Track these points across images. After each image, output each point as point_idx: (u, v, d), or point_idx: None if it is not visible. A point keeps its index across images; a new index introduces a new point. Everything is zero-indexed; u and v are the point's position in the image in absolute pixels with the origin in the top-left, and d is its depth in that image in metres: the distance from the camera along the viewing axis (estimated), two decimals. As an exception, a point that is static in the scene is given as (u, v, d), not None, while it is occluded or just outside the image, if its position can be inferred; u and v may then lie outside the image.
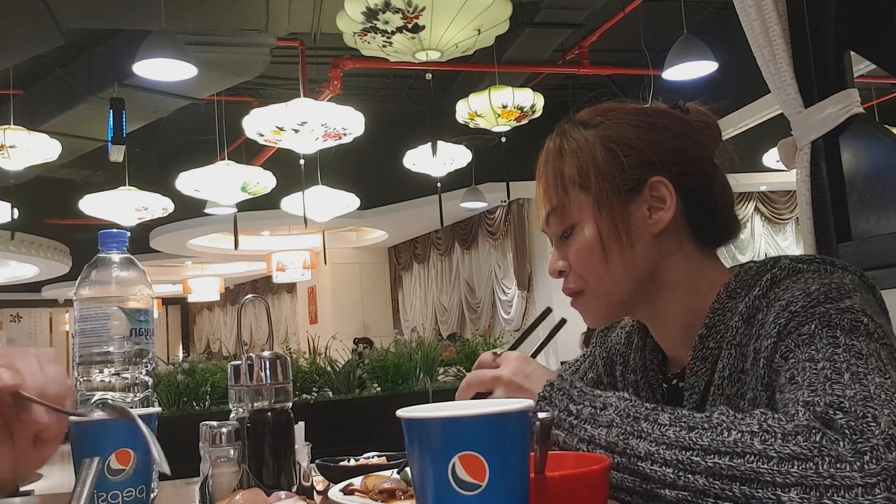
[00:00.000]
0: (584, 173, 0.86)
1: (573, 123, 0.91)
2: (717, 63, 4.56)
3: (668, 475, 0.65)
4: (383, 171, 7.63)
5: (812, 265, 0.80)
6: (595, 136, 0.87)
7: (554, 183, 0.88)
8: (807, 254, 0.83)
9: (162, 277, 12.01)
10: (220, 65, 5.37)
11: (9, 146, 5.02)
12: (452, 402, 0.60)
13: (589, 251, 0.86)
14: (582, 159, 0.86)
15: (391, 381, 5.00)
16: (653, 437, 0.67)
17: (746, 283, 0.83)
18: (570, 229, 0.88)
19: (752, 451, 0.62)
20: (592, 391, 0.75)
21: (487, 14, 3.65)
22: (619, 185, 0.85)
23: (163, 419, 0.89)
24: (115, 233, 0.95)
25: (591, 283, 0.88)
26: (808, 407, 0.65)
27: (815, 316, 0.72)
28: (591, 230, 0.86)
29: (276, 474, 0.87)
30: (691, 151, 0.87)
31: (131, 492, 0.76)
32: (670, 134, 0.87)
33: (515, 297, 8.59)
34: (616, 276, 0.86)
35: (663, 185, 0.85)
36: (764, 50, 1.44)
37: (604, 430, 0.70)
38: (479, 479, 0.54)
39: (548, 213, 0.90)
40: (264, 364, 0.89)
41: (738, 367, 0.80)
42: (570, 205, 0.87)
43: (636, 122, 0.87)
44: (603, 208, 0.85)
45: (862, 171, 1.38)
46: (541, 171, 0.91)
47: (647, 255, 0.86)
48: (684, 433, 0.66)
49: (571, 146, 0.88)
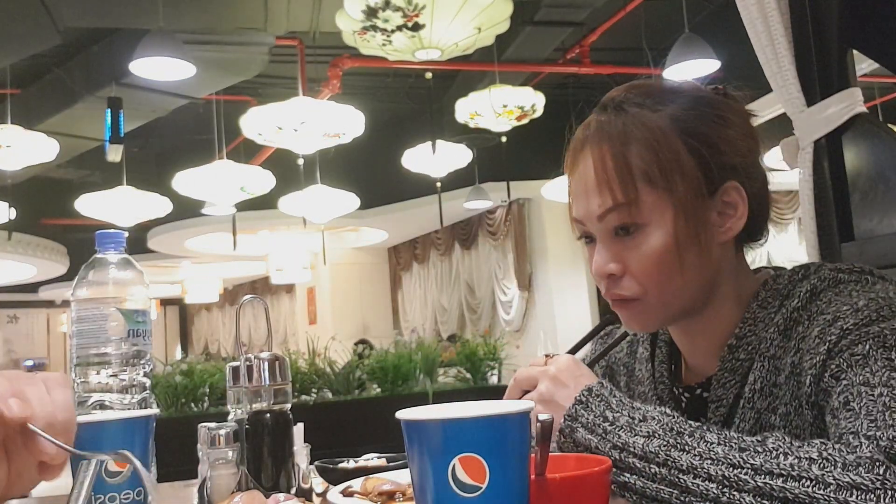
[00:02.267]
0: (667, 172, 0.76)
1: (630, 103, 0.78)
2: (718, 62, 4.56)
3: (712, 490, 0.63)
4: (383, 171, 7.62)
5: (852, 275, 0.77)
6: (670, 125, 0.77)
7: (619, 175, 0.76)
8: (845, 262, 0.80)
9: (160, 278, 11.99)
10: (218, 64, 5.36)
11: (6, 145, 5.01)
12: (452, 404, 0.59)
13: (661, 258, 0.77)
14: (662, 154, 0.75)
15: (391, 383, 4.99)
16: (698, 451, 0.65)
17: (779, 292, 0.79)
18: (635, 228, 0.77)
19: (808, 475, 0.60)
20: (633, 402, 0.73)
21: (488, 13, 3.65)
22: (703, 188, 0.77)
23: (161, 421, 0.88)
24: (112, 233, 0.95)
25: (651, 291, 0.79)
26: (872, 440, 0.62)
27: (869, 336, 0.69)
28: (668, 235, 0.76)
29: (275, 476, 0.87)
30: (752, 150, 0.80)
31: (129, 494, 0.75)
32: (739, 131, 0.79)
33: (516, 297, 8.58)
34: (682, 286, 0.78)
35: (736, 191, 0.78)
36: (766, 48, 1.43)
37: (642, 439, 0.68)
38: (479, 481, 0.53)
39: (607, 209, 0.77)
40: (263, 365, 0.89)
41: (770, 380, 0.77)
42: (642, 203, 0.76)
43: (708, 115, 0.78)
44: (686, 213, 0.76)
45: (865, 170, 1.38)
46: (591, 154, 0.78)
47: (711, 265, 0.80)
48: (734, 452, 0.64)
49: (642, 133, 0.76)
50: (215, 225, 8.33)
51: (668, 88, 0.81)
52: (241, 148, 6.56)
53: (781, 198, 8.44)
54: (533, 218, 8.45)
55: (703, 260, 0.78)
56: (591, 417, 0.72)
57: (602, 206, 0.78)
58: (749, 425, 0.78)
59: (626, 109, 0.79)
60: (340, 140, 4.94)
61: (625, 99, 0.80)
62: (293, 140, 4.78)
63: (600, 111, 0.81)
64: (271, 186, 6.10)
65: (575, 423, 0.73)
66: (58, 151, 5.41)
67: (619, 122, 0.78)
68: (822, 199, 1.42)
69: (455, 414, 0.55)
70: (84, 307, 0.90)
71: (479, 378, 5.51)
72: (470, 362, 5.51)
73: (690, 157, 0.77)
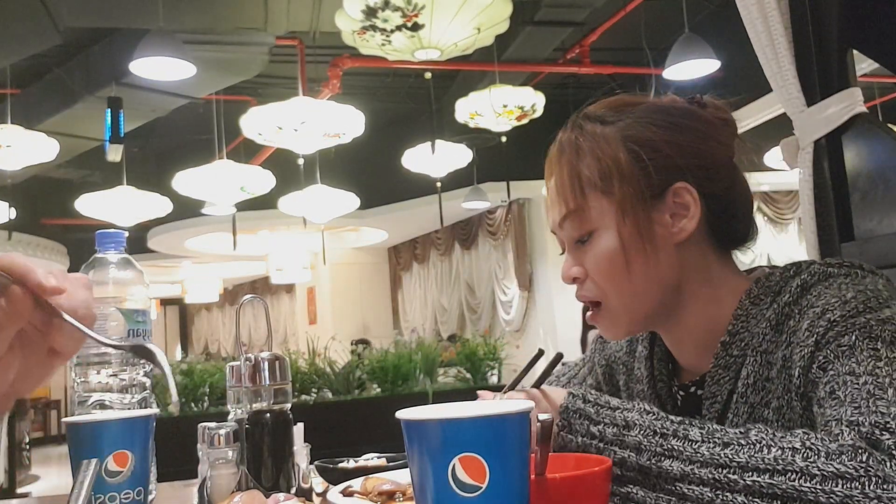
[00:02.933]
0: (607, 177, 0.80)
1: (588, 118, 0.85)
2: (718, 62, 4.56)
3: (706, 494, 0.64)
4: (383, 171, 7.62)
5: (842, 269, 0.77)
6: (616, 134, 0.82)
7: (571, 184, 0.82)
8: (835, 258, 0.80)
9: (160, 278, 11.99)
10: (218, 64, 5.36)
11: (6, 145, 5.01)
12: (452, 404, 0.59)
13: (610, 261, 0.81)
14: (603, 161, 0.81)
15: (391, 382, 4.99)
16: (685, 455, 0.66)
17: (771, 289, 0.80)
18: (588, 235, 0.83)
19: (793, 468, 0.61)
20: (609, 404, 0.73)
21: (487, 13, 3.65)
22: (644, 190, 0.80)
23: (160, 420, 0.88)
24: (112, 233, 0.95)
25: (610, 294, 0.83)
26: (853, 427, 0.63)
27: (856, 327, 0.70)
28: (613, 238, 0.81)
29: (275, 476, 0.87)
30: (714, 153, 0.83)
31: (129, 493, 0.75)
32: (694, 135, 0.82)
33: (516, 297, 8.58)
34: (639, 288, 0.81)
35: (687, 192, 0.81)
36: (766, 48, 1.43)
37: (633, 453, 0.69)
38: (479, 481, 0.53)
39: (562, 217, 0.84)
40: (263, 365, 0.89)
41: (763, 374, 0.78)
42: (589, 209, 0.82)
43: (659, 122, 0.82)
44: (627, 216, 0.80)
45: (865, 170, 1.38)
46: (554, 169, 0.85)
47: (669, 266, 0.82)
48: (718, 450, 0.65)
49: (590, 144, 0.82)
50: (215, 225, 8.33)
51: (631, 102, 0.86)
52: (241, 148, 6.56)
53: (781, 198, 8.45)
54: (533, 218, 8.45)
55: (655, 260, 0.81)
56: (580, 440, 0.73)
57: (560, 214, 0.84)
58: (742, 420, 0.79)
59: (581, 125, 0.85)
60: (340, 140, 4.94)
61: (585, 116, 0.86)
62: (293, 140, 4.78)
63: (563, 130, 0.87)
64: (271, 186, 6.10)
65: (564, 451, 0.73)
66: (58, 151, 5.41)
67: (573, 137, 0.84)
68: (822, 199, 1.42)
69: (455, 414, 0.55)
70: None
71: (479, 378, 5.51)
72: (470, 362, 5.51)
73: (631, 161, 0.81)
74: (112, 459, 0.75)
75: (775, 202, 8.45)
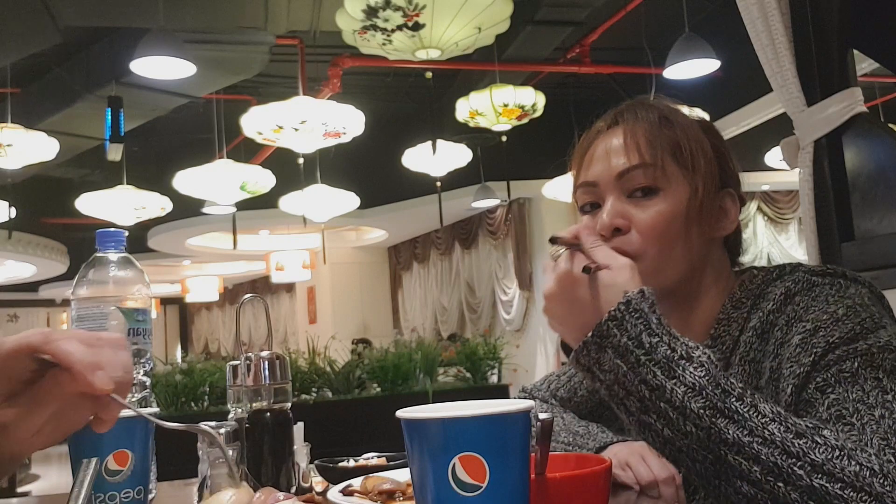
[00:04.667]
0: (693, 154, 0.84)
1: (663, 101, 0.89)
2: (719, 61, 4.56)
3: (755, 473, 0.59)
4: (383, 171, 7.62)
5: (826, 278, 0.78)
6: (696, 125, 0.87)
7: (653, 142, 0.83)
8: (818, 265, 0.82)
9: (160, 277, 11.99)
10: (218, 63, 5.36)
11: (6, 145, 5.01)
12: (452, 403, 0.59)
13: (669, 222, 0.81)
14: (691, 136, 0.85)
15: (391, 382, 4.99)
16: (749, 424, 0.61)
17: (753, 292, 0.81)
18: (651, 191, 0.82)
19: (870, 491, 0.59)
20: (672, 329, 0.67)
21: (488, 12, 3.65)
22: (715, 180, 0.86)
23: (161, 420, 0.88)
24: (112, 232, 0.95)
25: (650, 253, 0.81)
26: None
27: (857, 353, 0.69)
28: (681, 204, 0.82)
29: (275, 475, 0.87)
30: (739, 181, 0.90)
31: (129, 493, 0.75)
32: (733, 157, 0.90)
33: (516, 297, 8.58)
34: (678, 257, 0.82)
35: (732, 199, 0.87)
36: (766, 48, 1.43)
37: (682, 388, 0.63)
38: (479, 480, 0.53)
39: (631, 166, 0.82)
40: (263, 364, 0.89)
41: (752, 383, 0.78)
42: (665, 169, 0.83)
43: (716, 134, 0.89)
44: (700, 194, 0.83)
45: (865, 170, 1.38)
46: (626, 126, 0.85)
47: (701, 254, 0.85)
48: (791, 436, 0.61)
49: (676, 118, 0.86)
50: (215, 224, 8.33)
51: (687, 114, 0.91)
52: (242, 147, 6.56)
53: (781, 198, 8.44)
54: (533, 217, 8.45)
55: (699, 244, 0.84)
56: (625, 341, 0.65)
57: (627, 164, 0.83)
58: None
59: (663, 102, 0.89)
60: (340, 139, 4.94)
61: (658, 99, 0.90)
62: (293, 139, 4.77)
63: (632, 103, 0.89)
64: (271, 185, 6.09)
65: (604, 340, 0.67)
66: (58, 150, 5.41)
67: (654, 108, 0.87)
68: (822, 198, 1.42)
69: (455, 413, 0.55)
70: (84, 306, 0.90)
71: (479, 377, 5.51)
72: (470, 362, 5.51)
73: (712, 152, 0.86)
74: (112, 458, 0.75)
75: (775, 202, 8.45)
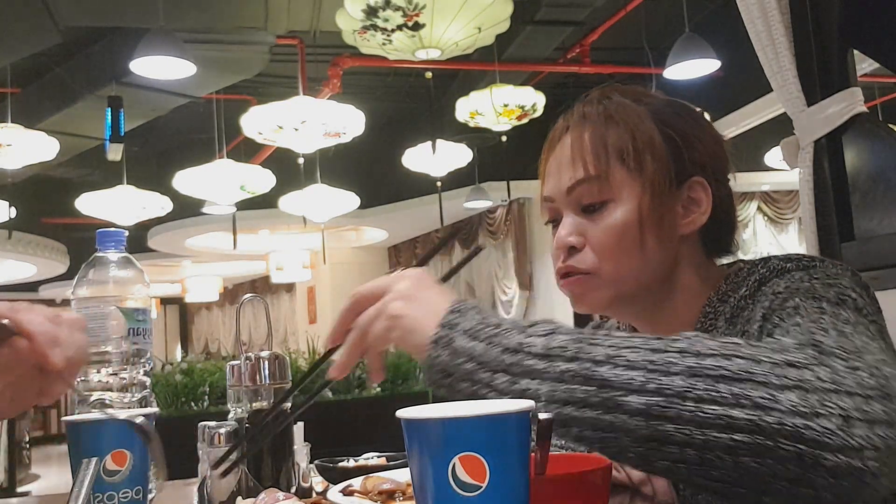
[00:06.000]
0: (640, 152, 0.79)
1: (614, 93, 0.83)
2: (719, 61, 4.55)
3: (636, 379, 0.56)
4: (383, 171, 7.62)
5: (801, 262, 0.77)
6: (648, 114, 0.81)
7: (594, 150, 0.80)
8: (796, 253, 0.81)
9: (160, 277, 11.98)
10: (218, 63, 5.36)
11: (6, 144, 5.01)
12: (452, 403, 0.59)
13: (623, 233, 0.79)
14: (637, 135, 0.79)
15: (391, 382, 4.99)
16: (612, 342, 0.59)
17: (738, 284, 0.80)
18: (601, 204, 0.80)
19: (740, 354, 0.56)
20: None
21: (488, 12, 3.65)
22: (670, 174, 0.80)
23: (161, 420, 0.88)
24: (112, 232, 0.95)
25: (606, 266, 0.80)
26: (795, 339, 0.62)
27: (800, 292, 0.69)
28: (632, 212, 0.79)
29: (275, 475, 0.87)
30: (724, 160, 0.85)
31: (127, 493, 0.75)
32: (711, 137, 0.84)
33: (516, 297, 8.58)
34: (637, 266, 0.80)
35: (702, 188, 0.81)
36: (766, 48, 1.43)
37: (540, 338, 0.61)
38: (479, 480, 0.53)
39: (577, 181, 0.80)
40: (263, 364, 0.89)
41: None
42: (610, 178, 0.79)
43: (685, 115, 0.83)
44: (652, 193, 0.79)
45: (865, 170, 1.38)
46: (570, 133, 0.82)
47: (668, 255, 0.81)
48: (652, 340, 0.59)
49: (622, 116, 0.81)
50: (215, 224, 8.33)
51: (648, 93, 0.86)
52: (242, 147, 6.56)
53: (781, 198, 8.44)
54: (533, 217, 8.44)
55: (662, 246, 0.81)
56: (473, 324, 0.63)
57: (573, 179, 0.81)
58: None
59: (609, 97, 0.84)
60: (340, 139, 4.94)
61: (609, 91, 0.85)
62: (293, 139, 4.77)
63: (583, 102, 0.86)
64: (271, 185, 6.10)
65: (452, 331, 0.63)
66: (58, 150, 5.41)
67: (600, 107, 0.83)
68: (822, 198, 1.42)
69: (455, 413, 0.55)
70: (84, 306, 0.90)
71: (479, 377, 5.50)
72: (470, 362, 5.50)
73: (664, 144, 0.80)
74: (110, 458, 0.75)
75: (775, 202, 8.45)
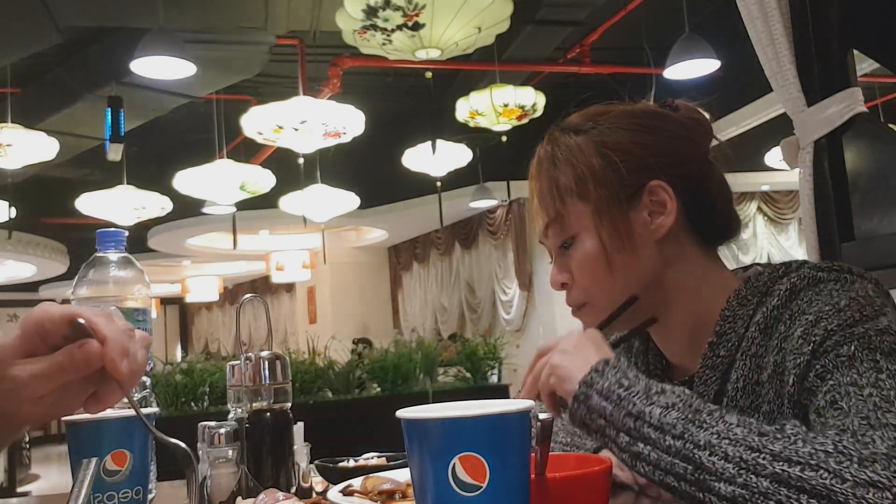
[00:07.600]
0: (581, 182, 0.84)
1: (563, 130, 0.89)
2: (719, 61, 4.56)
3: (728, 470, 0.63)
4: (383, 171, 7.62)
5: (832, 274, 0.78)
6: (588, 142, 0.86)
7: (549, 193, 0.86)
8: (824, 261, 0.81)
9: (160, 277, 11.99)
10: (218, 63, 5.35)
11: (6, 144, 5.01)
12: (452, 403, 0.59)
13: (592, 263, 0.84)
14: (577, 167, 0.85)
15: (391, 382, 4.99)
16: (716, 429, 0.65)
17: (759, 290, 0.81)
18: (570, 240, 0.86)
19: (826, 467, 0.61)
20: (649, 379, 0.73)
21: (488, 12, 3.65)
22: (619, 191, 0.84)
23: (161, 420, 0.88)
24: (112, 232, 0.95)
25: (595, 294, 0.86)
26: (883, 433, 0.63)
27: (854, 337, 0.71)
28: (593, 241, 0.84)
29: (275, 475, 0.87)
30: (686, 151, 0.87)
31: (127, 493, 0.75)
32: (665, 135, 0.86)
33: (516, 297, 8.58)
34: (621, 285, 0.84)
35: (662, 189, 0.84)
36: (766, 48, 1.43)
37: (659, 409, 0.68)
38: (479, 480, 0.53)
39: (545, 225, 0.88)
40: (263, 364, 0.89)
41: (752, 378, 0.78)
42: (568, 215, 0.86)
43: (629, 126, 0.86)
44: (603, 217, 0.84)
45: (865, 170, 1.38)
46: (534, 181, 0.89)
47: (651, 262, 0.85)
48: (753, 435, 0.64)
49: (564, 154, 0.86)
50: (215, 224, 8.33)
51: (604, 111, 0.89)
52: (242, 147, 6.56)
53: (781, 198, 8.45)
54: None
55: (638, 258, 0.84)
56: (607, 384, 0.71)
57: (543, 223, 0.88)
58: None
59: (556, 138, 0.89)
60: (340, 139, 4.94)
61: (560, 129, 0.90)
62: (293, 139, 4.77)
63: (540, 144, 0.91)
64: (271, 185, 6.09)
65: (590, 389, 0.72)
66: (58, 150, 5.41)
67: (549, 149, 0.89)
68: (822, 198, 1.42)
69: (455, 413, 0.55)
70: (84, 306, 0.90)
71: (479, 377, 5.51)
72: (470, 362, 5.52)
73: (604, 166, 0.84)
74: (110, 459, 0.74)
75: (775, 202, 8.45)
